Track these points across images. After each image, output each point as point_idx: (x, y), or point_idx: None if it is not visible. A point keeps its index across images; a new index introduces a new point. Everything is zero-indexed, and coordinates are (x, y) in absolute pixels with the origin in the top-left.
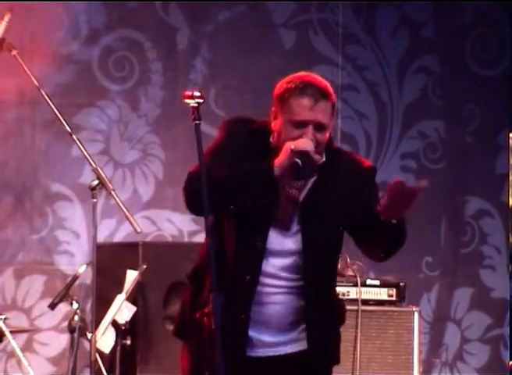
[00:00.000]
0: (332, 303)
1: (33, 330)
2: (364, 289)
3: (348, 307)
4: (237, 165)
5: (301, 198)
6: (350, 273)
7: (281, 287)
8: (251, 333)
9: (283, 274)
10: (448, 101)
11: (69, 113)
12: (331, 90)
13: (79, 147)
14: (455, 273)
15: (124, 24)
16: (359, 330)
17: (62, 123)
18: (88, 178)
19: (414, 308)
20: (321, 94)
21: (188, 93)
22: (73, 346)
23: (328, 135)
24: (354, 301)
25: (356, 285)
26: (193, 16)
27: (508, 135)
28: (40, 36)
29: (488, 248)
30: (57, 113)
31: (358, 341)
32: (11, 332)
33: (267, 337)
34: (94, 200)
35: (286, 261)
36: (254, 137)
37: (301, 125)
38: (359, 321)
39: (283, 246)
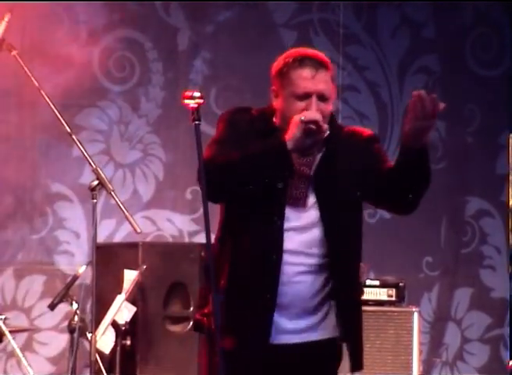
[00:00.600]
0: (358, 284)
1: (33, 330)
2: (364, 289)
3: None
4: (248, 146)
5: (312, 173)
6: None
7: (305, 265)
8: (276, 318)
9: (306, 250)
10: (448, 101)
11: (69, 114)
12: (328, 60)
13: (79, 147)
14: (455, 273)
15: (124, 24)
16: None
17: (62, 123)
18: (88, 178)
19: (414, 309)
20: (320, 64)
21: (188, 93)
22: (73, 346)
23: (330, 107)
24: None
25: None
26: (194, 17)
27: (508, 137)
28: (40, 36)
29: (489, 248)
30: (57, 114)
31: None
32: (11, 332)
33: (291, 322)
34: (94, 200)
35: (307, 236)
36: (257, 121)
37: (304, 97)
38: None
39: (301, 222)
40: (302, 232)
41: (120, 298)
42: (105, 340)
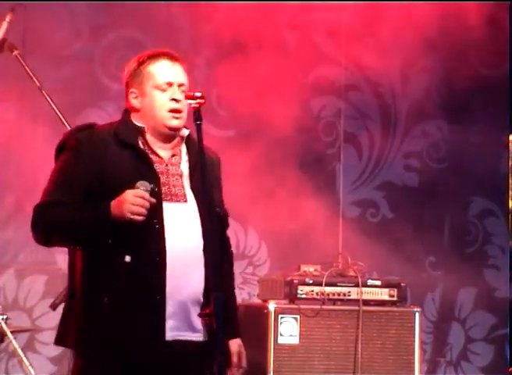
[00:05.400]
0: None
1: (34, 330)
2: (365, 289)
3: (349, 307)
4: (79, 210)
5: (187, 171)
6: (351, 273)
7: (190, 263)
8: (168, 317)
9: (189, 249)
10: (451, 100)
11: (70, 113)
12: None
13: None
14: (459, 273)
15: (125, 24)
16: (360, 331)
17: (63, 123)
18: None
19: (415, 309)
20: (175, 58)
21: (189, 93)
22: None
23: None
24: (355, 301)
25: (357, 285)
26: (195, 16)
27: (508, 137)
28: (41, 36)
29: (492, 247)
30: (58, 113)
31: (359, 342)
32: (12, 332)
33: (176, 320)
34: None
35: (186, 234)
36: (113, 130)
37: (167, 87)
38: (360, 321)
39: (183, 219)
40: (181, 232)
41: None
42: None
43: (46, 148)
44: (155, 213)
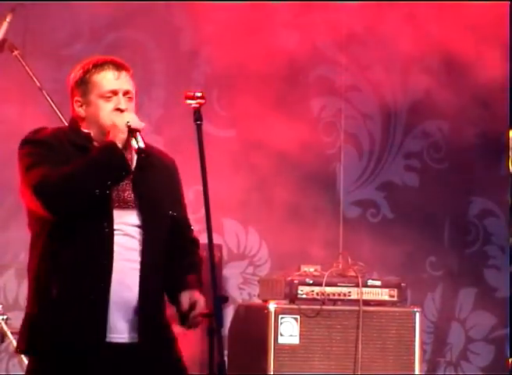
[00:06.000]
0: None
1: None
2: (365, 290)
3: (349, 308)
4: (74, 157)
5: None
6: (351, 273)
7: (133, 261)
8: (110, 317)
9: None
10: (452, 100)
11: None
12: (125, 63)
13: None
14: (459, 273)
15: (127, 24)
16: (360, 331)
17: (63, 122)
18: None
19: (416, 309)
20: (121, 66)
21: (190, 93)
22: None
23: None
24: (356, 301)
25: (357, 286)
26: (196, 16)
27: (508, 136)
28: (41, 36)
29: (493, 247)
30: (58, 114)
31: (360, 342)
32: (13, 332)
33: (123, 321)
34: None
35: (131, 239)
36: (65, 133)
37: (111, 95)
38: (360, 322)
39: (128, 223)
40: (127, 236)
41: None
42: None
43: None
44: (105, 218)
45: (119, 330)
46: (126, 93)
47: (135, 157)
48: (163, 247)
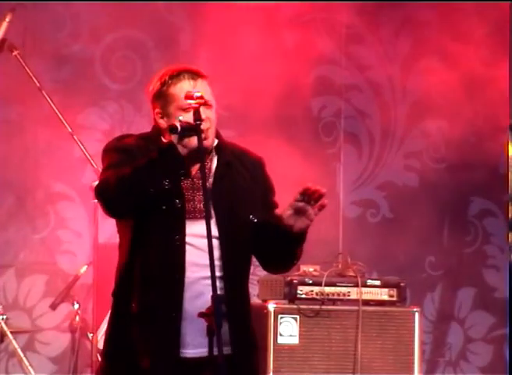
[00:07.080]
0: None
1: (34, 330)
2: (364, 289)
3: (349, 307)
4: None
5: (210, 185)
6: (350, 273)
7: (207, 278)
8: (182, 330)
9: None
10: (451, 100)
11: (71, 113)
12: (201, 70)
13: (80, 147)
14: (458, 273)
15: (126, 23)
16: (360, 331)
17: (63, 123)
18: (90, 178)
19: (415, 309)
20: (196, 74)
21: (190, 93)
22: (75, 346)
23: (214, 115)
24: (355, 301)
25: (356, 286)
26: (196, 16)
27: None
28: (41, 36)
29: (492, 247)
30: (58, 113)
31: (359, 342)
32: (12, 332)
33: (196, 336)
34: (96, 200)
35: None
36: (146, 142)
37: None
38: (360, 322)
39: (201, 235)
40: (201, 247)
41: None
42: None
43: (46, 148)
44: (178, 229)
45: (195, 345)
46: (203, 103)
47: (214, 165)
48: (245, 254)
